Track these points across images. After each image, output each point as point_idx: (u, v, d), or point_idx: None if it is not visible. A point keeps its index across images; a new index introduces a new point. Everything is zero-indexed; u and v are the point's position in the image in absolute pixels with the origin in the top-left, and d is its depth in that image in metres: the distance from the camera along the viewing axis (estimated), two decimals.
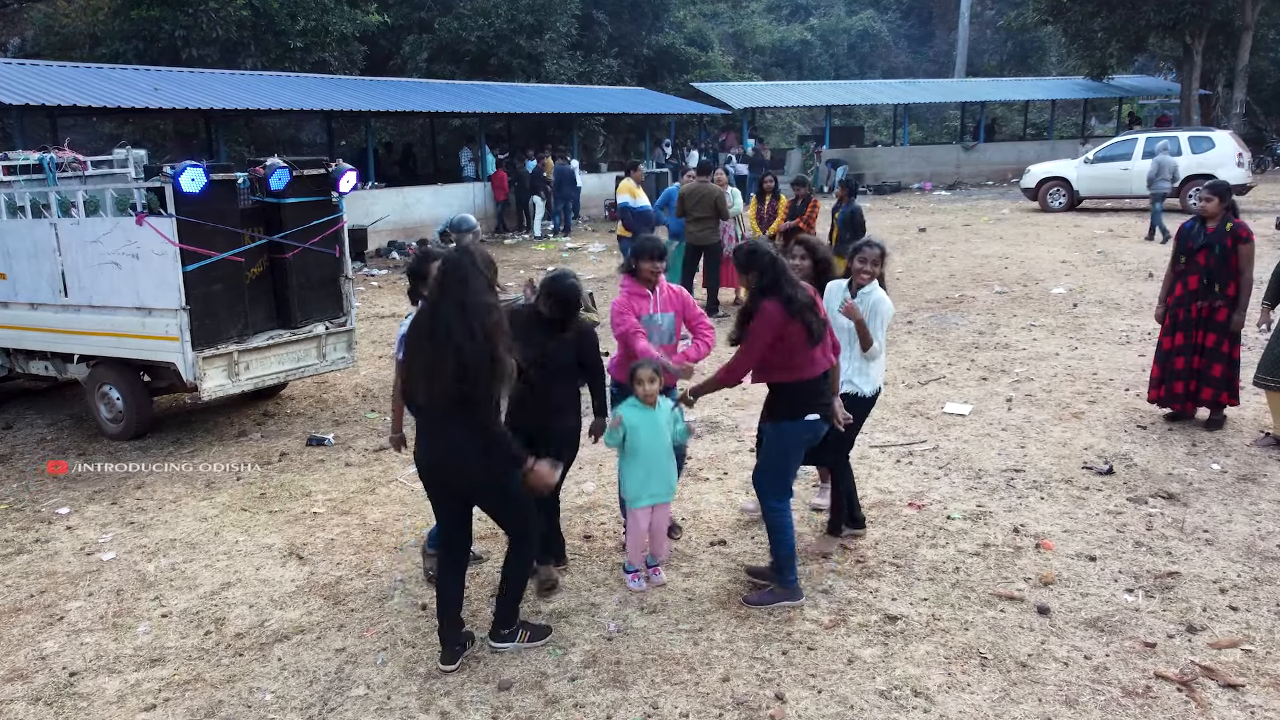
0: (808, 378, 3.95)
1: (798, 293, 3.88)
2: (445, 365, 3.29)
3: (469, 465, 3.46)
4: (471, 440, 3.41)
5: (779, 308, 3.83)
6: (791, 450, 4.03)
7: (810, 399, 3.98)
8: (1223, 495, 5.12)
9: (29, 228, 7.03)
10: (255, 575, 4.65)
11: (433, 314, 3.40)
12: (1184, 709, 3.28)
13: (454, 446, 3.44)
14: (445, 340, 3.30)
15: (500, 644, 3.78)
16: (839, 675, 3.54)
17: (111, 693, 3.69)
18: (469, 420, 3.37)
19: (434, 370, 3.34)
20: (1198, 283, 6.15)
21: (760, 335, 3.86)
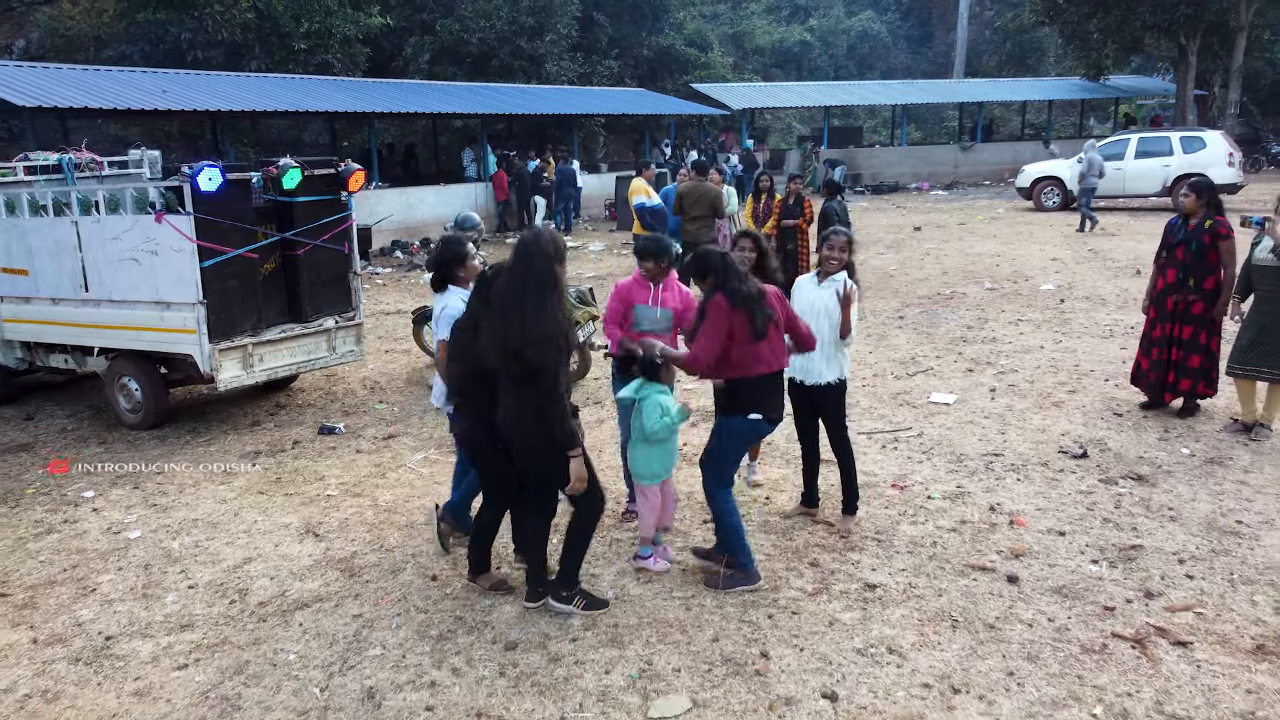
0: (753, 375, 4.07)
1: (743, 286, 4.05)
2: (512, 336, 3.59)
3: (527, 434, 3.76)
4: (531, 411, 3.70)
5: (724, 300, 4.02)
6: (735, 445, 4.22)
7: (756, 399, 4.12)
8: (1189, 476, 5.40)
9: (51, 226, 7.31)
10: (274, 551, 4.94)
11: (506, 287, 3.68)
12: (1136, 663, 3.57)
13: (515, 415, 3.75)
14: (514, 311, 3.60)
15: (559, 604, 4.04)
16: (820, 635, 3.83)
17: (145, 654, 3.98)
18: (533, 391, 3.66)
19: (502, 340, 3.63)
20: (1175, 276, 6.42)
21: (711, 327, 4.02)
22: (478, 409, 4.01)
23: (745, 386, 4.10)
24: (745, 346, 4.03)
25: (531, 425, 3.75)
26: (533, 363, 3.61)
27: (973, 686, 3.45)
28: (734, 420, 4.16)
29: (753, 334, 4.02)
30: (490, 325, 3.74)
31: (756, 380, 4.08)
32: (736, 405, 4.15)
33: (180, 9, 20.56)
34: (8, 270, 7.65)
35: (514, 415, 3.79)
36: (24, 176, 8.05)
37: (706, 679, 3.56)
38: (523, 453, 3.90)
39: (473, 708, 3.45)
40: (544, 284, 3.64)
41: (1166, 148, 19.25)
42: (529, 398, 3.70)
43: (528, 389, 3.69)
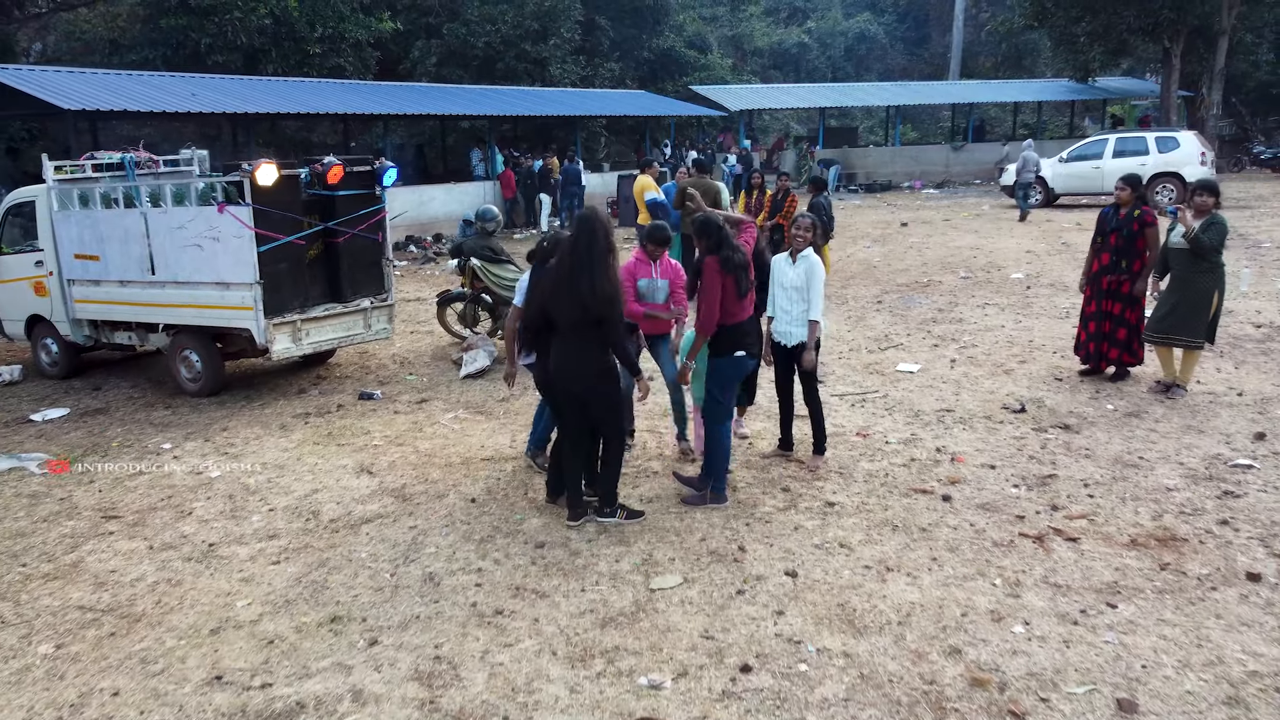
0: (733, 323, 5.06)
1: (734, 255, 5.05)
2: (582, 295, 4.54)
3: (588, 375, 4.72)
4: (591, 357, 4.68)
5: (717, 264, 4.99)
6: (726, 381, 5.16)
7: (738, 340, 5.09)
8: (1109, 426, 6.36)
9: (120, 216, 8.26)
10: (336, 484, 5.90)
11: (571, 256, 4.61)
12: (1034, 552, 4.52)
13: (579, 361, 4.70)
14: (582, 274, 4.54)
15: (604, 518, 4.99)
16: (786, 536, 4.79)
17: (244, 555, 4.94)
18: (596, 341, 4.63)
19: (574, 299, 4.57)
20: (1109, 259, 7.37)
21: (710, 287, 4.99)
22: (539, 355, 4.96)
23: (730, 331, 5.08)
24: (732, 302, 5.01)
25: (589, 365, 4.70)
26: (598, 316, 4.57)
27: (903, 567, 4.41)
28: (723, 359, 5.12)
29: (738, 294, 5.01)
30: (557, 287, 4.66)
31: (736, 327, 5.07)
32: (726, 347, 5.11)
33: (201, 15, 21.48)
34: (80, 256, 8.60)
35: (574, 358, 4.72)
36: (92, 174, 9.00)
37: (695, 565, 4.52)
38: (577, 387, 4.79)
39: (512, 584, 4.41)
40: (604, 253, 4.61)
41: (1143, 147, 20.19)
42: (588, 345, 4.66)
43: (587, 338, 4.64)
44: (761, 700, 3.42)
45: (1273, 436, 5.99)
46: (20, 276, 9.14)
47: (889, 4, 55.35)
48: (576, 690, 3.54)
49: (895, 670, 3.57)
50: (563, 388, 4.86)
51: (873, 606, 4.06)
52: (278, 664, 3.85)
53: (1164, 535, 4.65)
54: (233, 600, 4.44)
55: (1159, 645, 3.69)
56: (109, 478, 6.29)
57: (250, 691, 3.66)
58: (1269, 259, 12.67)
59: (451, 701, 3.51)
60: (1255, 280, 11.10)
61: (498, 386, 8.12)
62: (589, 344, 4.70)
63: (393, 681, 3.67)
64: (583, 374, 4.75)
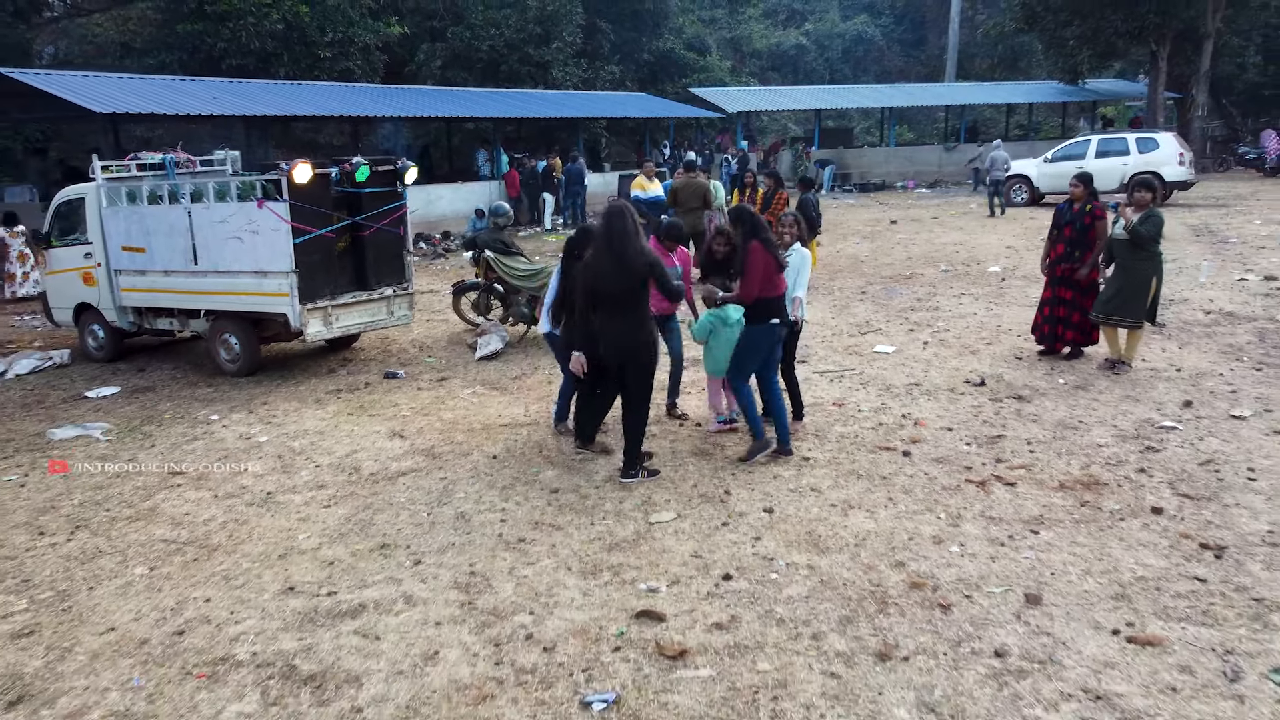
0: (772, 296, 5.83)
1: (771, 237, 5.83)
2: (629, 260, 5.30)
3: (635, 347, 5.46)
4: (638, 329, 5.43)
5: (761, 246, 5.75)
6: (756, 346, 5.88)
7: (773, 310, 5.85)
8: (1057, 396, 7.14)
9: (165, 212, 9.05)
10: (372, 446, 6.69)
11: (613, 235, 5.37)
12: (976, 493, 5.30)
13: (628, 335, 5.42)
14: (628, 245, 5.32)
15: (627, 479, 5.68)
16: (766, 483, 5.57)
17: (299, 501, 5.72)
18: (641, 311, 5.41)
19: (623, 267, 5.33)
20: (1063, 249, 8.15)
21: (755, 265, 5.72)
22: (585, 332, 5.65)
23: (770, 303, 5.81)
24: (773, 276, 5.78)
25: (636, 337, 5.44)
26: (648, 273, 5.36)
27: (863, 506, 5.19)
28: (760, 326, 5.83)
29: (778, 268, 5.80)
30: (602, 263, 5.39)
31: (772, 300, 5.81)
32: (764, 315, 5.82)
33: (216, 21, 22.26)
34: (127, 248, 9.38)
35: (621, 330, 5.42)
36: (137, 173, 9.78)
37: (687, 505, 5.31)
38: (625, 356, 5.50)
39: (531, 520, 5.19)
40: (635, 233, 5.40)
41: (1124, 148, 20.99)
42: (634, 317, 5.41)
43: (632, 309, 5.40)
44: (739, 598, 4.20)
45: (1199, 404, 6.77)
46: (70, 268, 9.92)
47: (886, 6, 55.96)
48: (588, 594, 4.33)
49: (849, 577, 4.36)
50: (610, 358, 5.55)
51: (835, 534, 4.84)
52: (339, 578, 4.63)
53: (1088, 480, 5.43)
54: (294, 534, 5.22)
55: (1068, 559, 4.47)
56: (167, 443, 7.08)
57: (319, 598, 4.44)
58: (1232, 253, 13.45)
59: (486, 603, 4.29)
60: (1215, 273, 11.89)
61: (511, 367, 8.91)
62: (635, 316, 5.44)
63: (436, 589, 4.45)
64: (631, 346, 5.46)
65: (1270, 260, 12.59)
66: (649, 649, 3.82)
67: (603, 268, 5.42)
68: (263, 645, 4.03)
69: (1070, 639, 3.76)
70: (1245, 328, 9.06)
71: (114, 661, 3.98)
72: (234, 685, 3.74)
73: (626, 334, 5.47)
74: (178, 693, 3.72)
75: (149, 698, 3.69)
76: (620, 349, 5.50)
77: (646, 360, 5.57)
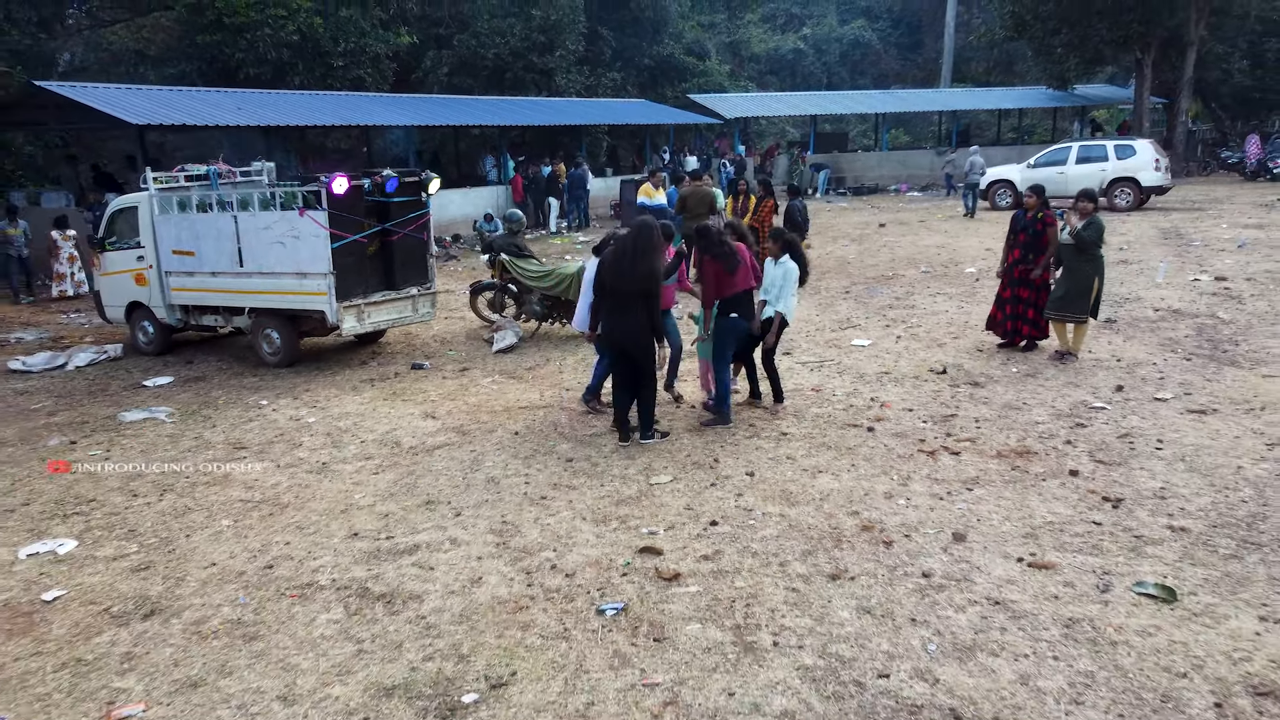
0: (729, 295, 6.86)
1: (721, 248, 6.83)
2: (635, 275, 6.35)
3: (638, 334, 6.48)
4: (635, 320, 6.43)
5: (710, 259, 6.80)
6: (725, 337, 6.94)
7: (732, 307, 6.88)
8: (1008, 382, 8.13)
9: (213, 219, 10.03)
10: (409, 425, 7.67)
11: (629, 246, 6.42)
12: (925, 461, 6.29)
13: (632, 323, 6.45)
14: (637, 259, 6.37)
15: (646, 440, 6.75)
16: (749, 453, 6.55)
17: (350, 469, 6.71)
18: (643, 308, 6.40)
19: (628, 275, 6.37)
20: (1019, 253, 9.13)
21: (708, 276, 6.82)
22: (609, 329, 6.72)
23: (728, 301, 6.87)
24: (725, 281, 6.80)
25: (634, 326, 6.46)
26: (643, 290, 6.37)
27: (829, 470, 6.18)
28: (724, 320, 6.91)
29: (728, 271, 6.81)
30: (616, 265, 6.45)
31: (731, 298, 6.86)
32: (725, 311, 6.89)
33: (234, 32, 23.23)
34: (177, 252, 10.36)
35: (633, 325, 6.47)
36: (184, 183, 10.77)
37: (682, 469, 6.29)
38: (633, 347, 6.57)
39: (551, 482, 6.18)
40: (653, 248, 6.43)
41: (1103, 154, 21.97)
42: (633, 311, 6.42)
43: (632, 306, 6.40)
44: (722, 538, 5.19)
45: (1129, 389, 7.75)
46: (123, 269, 10.91)
47: (883, 10, 56.76)
48: (600, 536, 5.31)
49: (812, 523, 5.34)
50: (613, 341, 6.65)
51: (804, 491, 5.82)
52: (394, 526, 5.62)
53: (1021, 450, 6.42)
54: (351, 494, 6.21)
55: (993, 509, 5.46)
56: (226, 424, 8.07)
57: (379, 540, 5.43)
58: (1192, 255, 14.42)
59: (517, 543, 5.28)
60: (1172, 273, 12.87)
61: (525, 359, 9.90)
62: (634, 311, 6.45)
63: (476, 534, 5.43)
64: (629, 331, 6.53)
65: (1225, 262, 13.57)
66: (650, 574, 4.80)
67: (617, 269, 6.45)
68: (339, 574, 5.02)
69: (983, 565, 4.75)
70: (1187, 323, 10.04)
71: (220, 587, 4.97)
72: (321, 602, 4.73)
73: (624, 325, 6.53)
74: (276, 607, 4.70)
75: (254, 610, 4.68)
76: (621, 335, 6.57)
77: (639, 347, 6.58)
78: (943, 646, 4.01)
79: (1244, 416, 6.94)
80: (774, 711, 3.61)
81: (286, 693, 3.93)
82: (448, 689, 3.88)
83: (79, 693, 4.03)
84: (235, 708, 3.84)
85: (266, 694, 3.93)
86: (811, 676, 3.83)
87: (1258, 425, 6.72)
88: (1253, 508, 5.33)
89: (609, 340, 6.71)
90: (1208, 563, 4.69)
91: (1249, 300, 10.92)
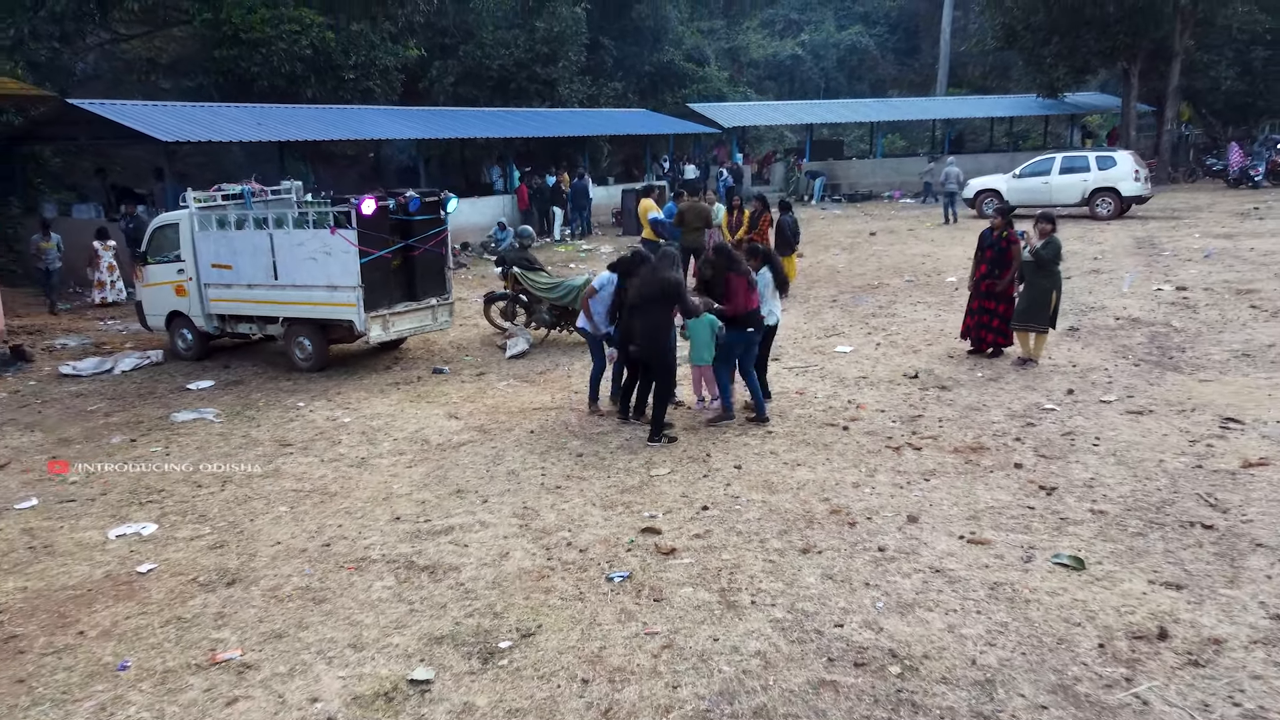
0: (747, 310, 7.79)
1: (744, 265, 7.79)
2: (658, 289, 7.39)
3: (655, 334, 7.48)
4: (658, 328, 7.43)
5: (736, 275, 7.72)
6: (735, 347, 7.86)
7: (749, 321, 7.81)
8: (973, 386, 9.04)
9: (250, 235, 10.94)
10: (435, 425, 8.59)
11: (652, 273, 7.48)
12: (891, 455, 7.20)
13: (650, 331, 7.47)
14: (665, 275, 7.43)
15: (652, 443, 7.64)
16: (738, 449, 7.47)
17: (386, 463, 7.62)
18: (663, 316, 7.45)
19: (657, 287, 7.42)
20: (986, 269, 10.04)
21: (737, 289, 7.72)
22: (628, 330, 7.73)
23: (746, 316, 7.78)
24: (746, 295, 7.72)
25: (662, 334, 7.48)
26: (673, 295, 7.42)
27: (807, 464, 7.09)
28: (737, 333, 7.82)
29: (749, 287, 7.74)
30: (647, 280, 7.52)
31: (749, 313, 7.78)
32: (743, 325, 7.81)
33: (250, 47, 24.17)
34: (216, 265, 11.28)
35: (652, 329, 7.49)
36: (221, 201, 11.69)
37: (678, 463, 7.21)
38: (652, 351, 7.57)
39: (564, 474, 7.09)
40: (674, 266, 7.50)
41: (1085, 165, 22.89)
42: (657, 320, 7.46)
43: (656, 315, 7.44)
44: (712, 520, 6.10)
45: (1079, 392, 8.67)
46: (164, 281, 11.83)
47: (880, 16, 57.50)
48: (608, 519, 6.22)
49: (789, 508, 6.26)
50: (636, 347, 7.64)
51: (783, 481, 6.74)
52: (431, 511, 6.53)
53: (976, 446, 7.33)
54: (390, 485, 7.13)
55: (944, 496, 6.37)
56: (270, 424, 8.98)
57: (419, 523, 6.34)
58: (1160, 265, 15.33)
59: (537, 525, 6.19)
60: (1137, 283, 13.78)
61: (536, 364, 10.81)
62: (657, 319, 7.49)
63: (501, 517, 6.35)
64: (652, 339, 7.55)
65: (1190, 272, 14.48)
66: (650, 549, 5.72)
67: (643, 289, 7.51)
68: (388, 550, 5.93)
69: (930, 541, 5.66)
70: (1143, 331, 10.96)
71: (287, 561, 5.88)
72: (374, 573, 5.64)
73: (643, 326, 7.56)
74: (337, 577, 5.61)
75: (319, 579, 5.59)
76: (640, 337, 7.59)
77: (656, 348, 7.58)
78: (888, 604, 4.92)
79: (1175, 416, 7.86)
80: (749, 652, 4.52)
81: (355, 641, 4.85)
82: (486, 638, 4.80)
83: (185, 642, 4.94)
84: (315, 653, 4.76)
85: (338, 642, 4.84)
86: (781, 627, 4.74)
87: (1185, 425, 7.64)
88: (1165, 495, 6.25)
89: (626, 343, 7.71)
90: (1116, 539, 5.61)
91: (1203, 309, 11.83)
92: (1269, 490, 6.22)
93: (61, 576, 5.84)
